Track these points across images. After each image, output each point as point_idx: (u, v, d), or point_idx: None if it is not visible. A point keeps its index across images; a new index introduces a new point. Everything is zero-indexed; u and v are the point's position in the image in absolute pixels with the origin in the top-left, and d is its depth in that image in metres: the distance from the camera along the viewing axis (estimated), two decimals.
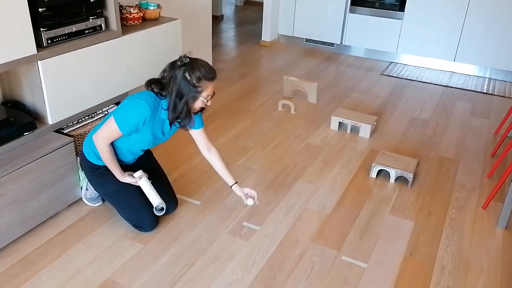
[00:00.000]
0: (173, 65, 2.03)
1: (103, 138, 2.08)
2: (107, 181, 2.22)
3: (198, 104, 2.07)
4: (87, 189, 2.44)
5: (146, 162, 2.41)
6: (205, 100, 2.07)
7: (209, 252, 2.21)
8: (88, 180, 2.32)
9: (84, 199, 2.47)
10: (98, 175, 2.23)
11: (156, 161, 2.50)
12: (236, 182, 2.33)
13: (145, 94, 2.06)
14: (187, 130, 2.24)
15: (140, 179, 2.23)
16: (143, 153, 2.33)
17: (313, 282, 2.06)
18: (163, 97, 2.07)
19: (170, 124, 2.16)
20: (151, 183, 2.27)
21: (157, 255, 2.17)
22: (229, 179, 2.33)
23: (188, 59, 2.02)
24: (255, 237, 2.31)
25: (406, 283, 2.08)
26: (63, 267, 2.07)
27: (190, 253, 2.20)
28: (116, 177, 2.20)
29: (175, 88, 2.00)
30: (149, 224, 2.29)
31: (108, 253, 2.16)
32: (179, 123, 2.14)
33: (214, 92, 2.10)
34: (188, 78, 1.98)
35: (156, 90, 2.05)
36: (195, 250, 2.21)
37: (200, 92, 2.02)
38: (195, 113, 2.14)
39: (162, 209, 2.26)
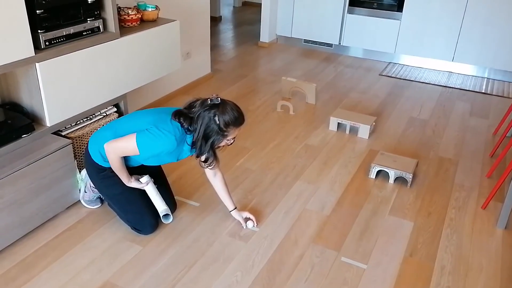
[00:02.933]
0: (203, 104, 2.00)
1: (117, 152, 2.06)
2: (112, 183, 2.20)
3: (221, 144, 2.08)
4: (85, 191, 2.43)
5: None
6: (229, 142, 2.09)
7: (208, 254, 2.20)
8: (92, 181, 2.30)
9: (82, 201, 2.46)
10: (103, 177, 2.21)
11: None
12: (236, 208, 2.38)
13: (175, 128, 2.02)
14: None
15: (147, 185, 2.23)
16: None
17: (312, 283, 2.06)
18: (189, 132, 2.05)
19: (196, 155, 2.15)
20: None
21: (156, 257, 2.17)
22: (229, 204, 2.38)
23: (219, 101, 1.99)
24: (254, 238, 2.31)
25: (406, 283, 2.08)
26: (62, 269, 2.06)
27: (189, 254, 2.19)
28: (123, 181, 2.19)
29: (202, 129, 1.99)
30: (150, 228, 2.28)
31: (106, 255, 2.16)
32: (205, 163, 2.15)
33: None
34: (217, 122, 1.97)
35: (185, 125, 2.02)
36: (194, 252, 2.21)
37: (226, 136, 2.03)
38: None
39: (167, 215, 2.28)
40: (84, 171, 2.42)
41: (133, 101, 3.44)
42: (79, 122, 2.52)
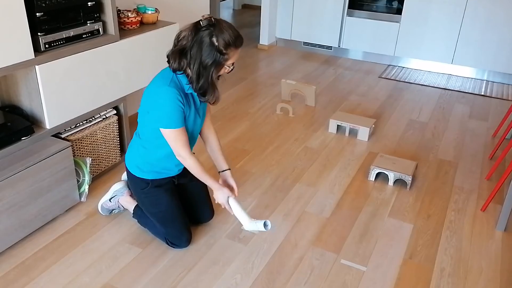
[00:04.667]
0: (195, 28, 1.79)
1: (182, 149, 1.93)
2: (156, 200, 2.13)
3: (220, 72, 1.88)
4: (110, 201, 2.37)
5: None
6: (229, 68, 1.88)
7: (207, 256, 2.20)
8: (136, 196, 2.24)
9: (100, 206, 2.39)
10: (148, 193, 2.13)
11: None
12: (229, 169, 2.19)
13: (158, 82, 1.88)
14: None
15: (233, 199, 2.08)
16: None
17: (312, 286, 2.05)
18: (180, 72, 1.86)
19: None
20: (194, 189, 2.24)
21: (155, 259, 2.16)
22: (222, 164, 2.18)
23: (213, 20, 1.79)
24: (254, 241, 2.31)
25: (405, 286, 2.08)
26: (61, 272, 2.06)
27: (188, 257, 2.19)
28: (213, 188, 2.06)
29: (198, 56, 1.78)
30: (186, 243, 2.22)
31: (106, 258, 2.16)
32: (203, 96, 1.92)
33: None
34: (215, 43, 1.77)
35: (174, 65, 1.83)
36: (193, 254, 2.21)
37: (226, 60, 1.83)
38: None
39: (265, 225, 2.02)
40: (116, 185, 2.40)
41: (132, 104, 3.44)
42: (78, 124, 2.52)
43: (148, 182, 2.13)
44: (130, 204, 2.36)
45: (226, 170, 2.20)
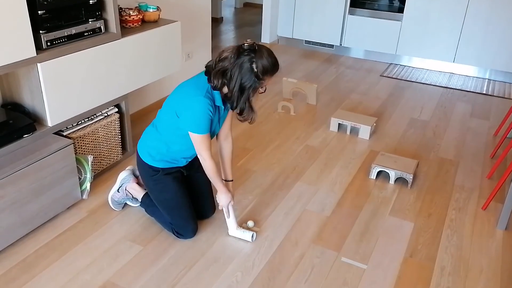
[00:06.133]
0: (238, 52, 1.92)
1: (205, 152, 2.06)
2: (165, 187, 2.21)
3: (254, 95, 2.03)
4: (118, 191, 2.43)
5: (196, 161, 2.27)
6: (262, 90, 2.02)
7: (208, 254, 2.20)
8: (145, 183, 2.28)
9: (110, 198, 2.45)
10: (157, 180, 2.20)
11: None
12: (232, 181, 2.34)
13: (194, 91, 1.99)
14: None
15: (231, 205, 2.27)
16: None
17: (312, 284, 2.06)
18: (216, 89, 1.99)
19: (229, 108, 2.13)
20: (198, 185, 2.34)
21: (156, 257, 2.17)
22: (228, 174, 2.33)
23: (254, 46, 1.92)
24: (254, 239, 2.31)
25: (406, 284, 2.08)
26: (62, 269, 2.07)
27: (189, 255, 2.19)
28: (220, 191, 2.18)
29: (239, 78, 1.92)
30: (192, 233, 2.28)
31: (107, 255, 2.16)
32: (240, 115, 2.09)
33: None
34: (255, 70, 1.91)
35: (215, 83, 1.95)
36: (194, 252, 2.21)
37: (261, 84, 1.97)
38: None
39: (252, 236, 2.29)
40: (122, 173, 2.46)
41: (134, 102, 3.44)
42: (80, 122, 2.52)
43: (159, 169, 2.19)
44: (137, 192, 2.42)
45: (230, 180, 2.33)
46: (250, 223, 2.39)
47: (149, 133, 2.22)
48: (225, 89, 2.00)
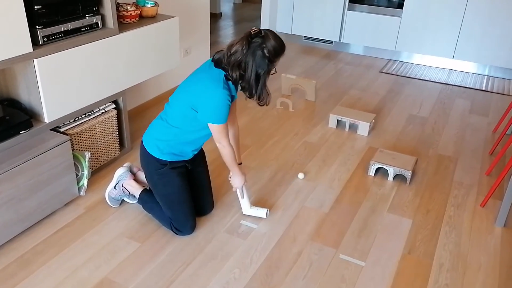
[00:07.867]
0: (247, 42, 1.98)
1: (224, 139, 2.12)
2: (169, 182, 2.21)
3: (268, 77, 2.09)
4: (114, 188, 2.42)
5: (201, 153, 2.41)
6: (272, 72, 2.08)
7: (206, 251, 2.20)
8: (149, 177, 2.27)
9: (107, 195, 2.44)
10: (162, 174, 2.20)
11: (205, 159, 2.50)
12: (241, 163, 2.40)
13: (211, 84, 2.02)
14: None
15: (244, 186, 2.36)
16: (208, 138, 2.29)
17: (310, 281, 2.06)
18: (231, 79, 2.04)
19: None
20: (200, 178, 2.38)
21: (154, 253, 2.17)
22: (238, 157, 2.39)
23: (262, 32, 2.00)
24: (252, 236, 2.31)
25: (404, 281, 2.08)
26: (60, 266, 2.07)
27: (187, 251, 2.19)
28: (235, 173, 2.27)
29: (254, 67, 1.99)
30: (191, 229, 2.29)
31: (105, 252, 2.16)
32: (259, 100, 2.11)
33: None
34: (267, 54, 1.98)
35: (235, 76, 2.01)
36: (192, 249, 2.21)
37: (273, 67, 2.04)
38: None
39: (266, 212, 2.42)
40: (119, 170, 2.45)
41: (132, 98, 3.43)
42: (77, 118, 2.51)
43: (166, 163, 2.19)
44: (134, 188, 2.41)
45: (240, 163, 2.39)
46: (301, 175, 2.69)
47: (158, 126, 2.20)
48: (242, 80, 2.06)
